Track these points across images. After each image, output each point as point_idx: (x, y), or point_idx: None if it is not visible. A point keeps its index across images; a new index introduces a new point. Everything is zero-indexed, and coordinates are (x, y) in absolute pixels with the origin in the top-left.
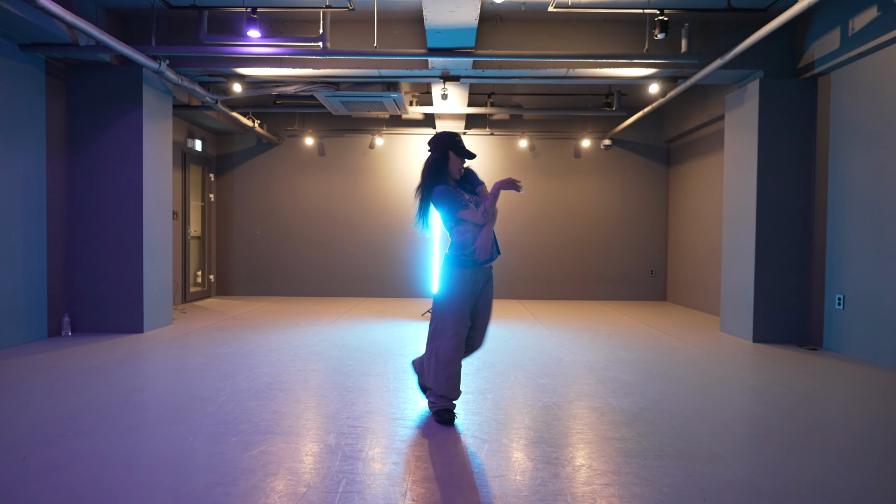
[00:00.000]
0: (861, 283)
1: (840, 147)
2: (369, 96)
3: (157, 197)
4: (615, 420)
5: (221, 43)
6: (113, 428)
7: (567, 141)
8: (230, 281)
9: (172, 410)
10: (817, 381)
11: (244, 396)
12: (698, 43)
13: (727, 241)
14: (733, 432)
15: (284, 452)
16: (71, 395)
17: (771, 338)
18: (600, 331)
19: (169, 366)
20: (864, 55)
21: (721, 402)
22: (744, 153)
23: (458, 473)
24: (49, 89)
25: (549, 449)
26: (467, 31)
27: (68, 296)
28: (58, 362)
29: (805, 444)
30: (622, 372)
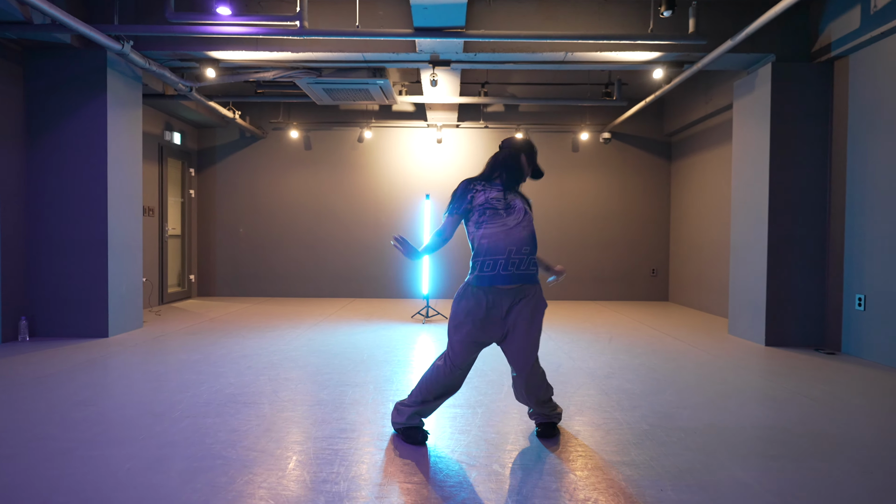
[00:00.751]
0: (883, 282)
1: (859, 136)
2: (354, 83)
3: (124, 191)
4: (622, 440)
5: (190, 22)
6: (40, 452)
7: (565, 134)
8: (212, 281)
9: (116, 429)
10: (840, 389)
11: (202, 412)
12: (706, 24)
13: (736, 238)
14: (759, 454)
15: (234, 485)
16: (5, 410)
17: (785, 341)
18: (601, 333)
19: (127, 374)
20: (885, 36)
21: (739, 415)
22: (754, 143)
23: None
24: (3, 74)
25: (548, 478)
26: (456, 8)
27: (26, 298)
28: (3, 372)
29: (841, 466)
30: (626, 381)
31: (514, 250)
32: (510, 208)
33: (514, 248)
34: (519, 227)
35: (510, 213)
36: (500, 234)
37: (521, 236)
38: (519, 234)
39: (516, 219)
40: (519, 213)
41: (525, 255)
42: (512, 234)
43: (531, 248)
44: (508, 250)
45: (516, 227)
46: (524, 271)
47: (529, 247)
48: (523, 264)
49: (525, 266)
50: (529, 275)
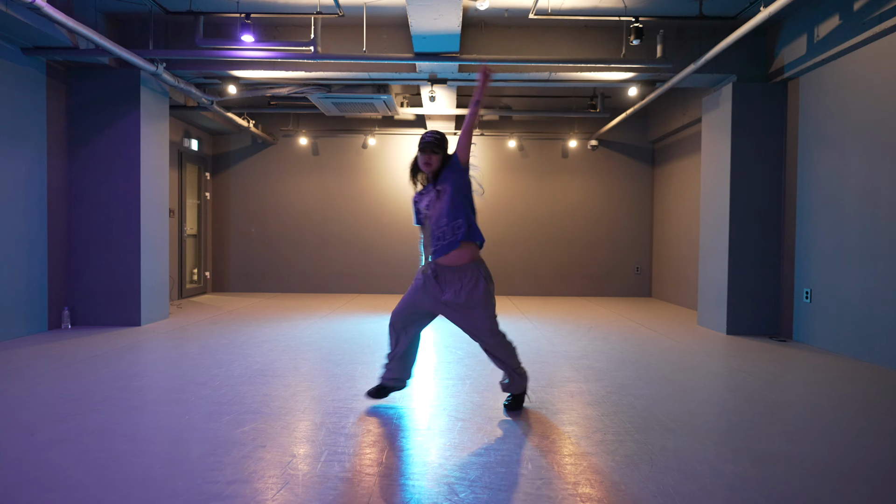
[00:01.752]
0: (825, 277)
1: (807, 149)
2: (360, 98)
3: (154, 195)
4: (583, 401)
5: (216, 47)
6: (115, 408)
7: (555, 141)
8: (225, 278)
9: (170, 393)
10: (779, 368)
11: (237, 381)
12: (673, 49)
13: (704, 238)
14: (689, 412)
15: (273, 429)
16: (75, 380)
17: (744, 330)
18: (581, 324)
19: (166, 355)
20: (829, 60)
21: (684, 386)
22: (718, 154)
23: (428, 445)
24: (50, 91)
25: (519, 425)
26: (451, 37)
27: (68, 290)
28: (60, 351)
29: (753, 420)
30: (596, 361)
31: (435, 228)
32: (430, 206)
33: (436, 227)
34: (436, 211)
35: (430, 209)
36: (430, 228)
37: (439, 214)
38: (436, 214)
39: (436, 209)
40: (434, 202)
41: (444, 226)
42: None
43: (448, 218)
44: (436, 235)
45: (435, 208)
46: (450, 240)
47: (447, 218)
48: (445, 236)
49: (450, 235)
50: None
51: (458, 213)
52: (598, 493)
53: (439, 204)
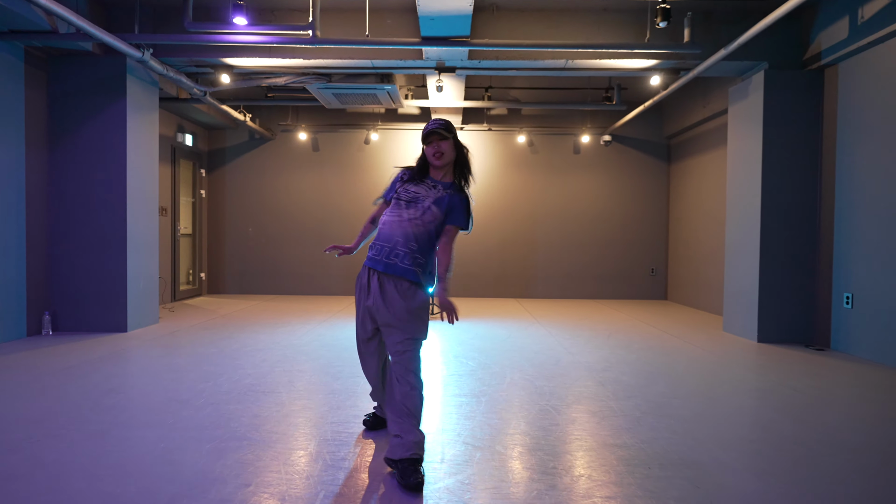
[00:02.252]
0: (870, 281)
1: (848, 142)
2: (362, 88)
3: (142, 192)
4: (616, 425)
5: (207, 31)
6: (79, 432)
7: (566, 136)
8: (222, 279)
9: (146, 413)
10: (826, 382)
11: (224, 399)
12: (701, 33)
13: (731, 238)
14: (740, 438)
15: (261, 461)
16: (41, 397)
17: (776, 338)
18: (599, 330)
19: (149, 366)
20: (875, 44)
21: (726, 405)
22: (748, 148)
23: (449, 485)
24: (28, 79)
25: (546, 457)
26: (462, 19)
27: (49, 293)
28: (34, 362)
29: (816, 450)
30: (622, 373)
31: (400, 242)
32: (414, 202)
33: (401, 240)
34: (411, 222)
35: (410, 207)
36: (393, 224)
37: (409, 232)
38: (409, 228)
39: (413, 214)
40: (418, 211)
41: (408, 250)
42: (403, 226)
43: (419, 245)
44: (395, 241)
45: (409, 221)
46: (397, 262)
47: (417, 244)
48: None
49: (400, 258)
50: (402, 267)
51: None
52: None
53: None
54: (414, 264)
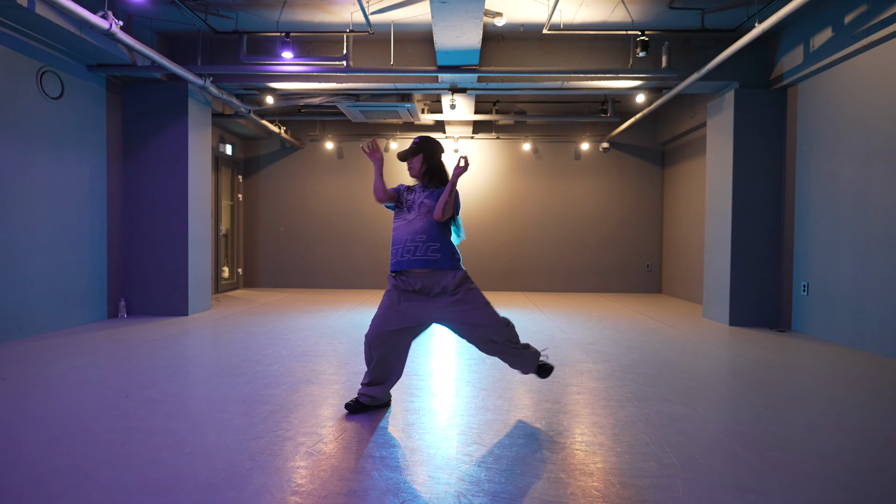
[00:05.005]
0: (822, 271)
1: (805, 151)
2: (386, 106)
3: (199, 197)
4: (592, 377)
5: (258, 62)
6: (186, 378)
7: (568, 144)
8: (256, 274)
9: (230, 368)
10: (774, 354)
11: (285, 360)
12: (678, 58)
13: (709, 235)
14: (686, 386)
15: (325, 395)
16: (145, 358)
17: (745, 322)
18: (593, 316)
19: (217, 339)
20: (824, 69)
21: (684, 367)
22: (722, 156)
23: (454, 405)
24: (109, 103)
25: (535, 395)
26: (472, 52)
27: (123, 283)
28: (124, 336)
29: (743, 393)
30: (605, 346)
31: (409, 239)
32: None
33: (410, 237)
34: (417, 218)
35: (411, 210)
36: (402, 228)
37: (418, 226)
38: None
39: (417, 213)
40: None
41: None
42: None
43: (427, 235)
44: (404, 239)
45: (415, 219)
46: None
47: (426, 234)
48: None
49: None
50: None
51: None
52: (598, 439)
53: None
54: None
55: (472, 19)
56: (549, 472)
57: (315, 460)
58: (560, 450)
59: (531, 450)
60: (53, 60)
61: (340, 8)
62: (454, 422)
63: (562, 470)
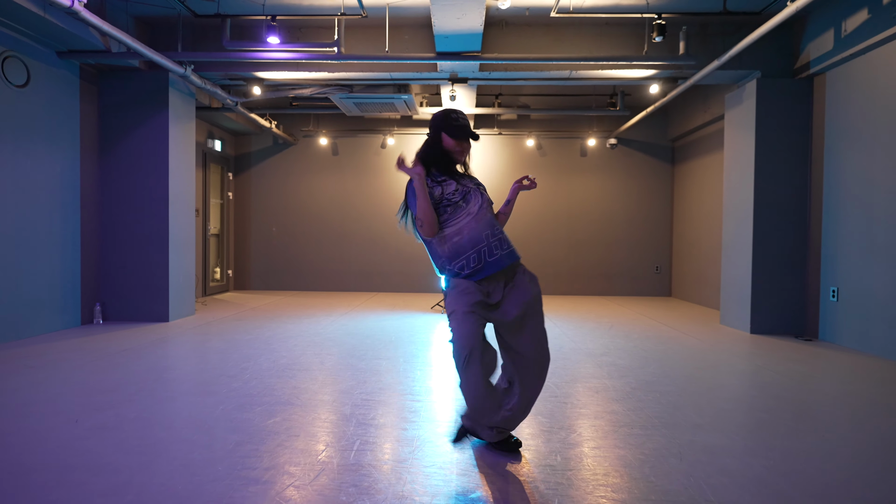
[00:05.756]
0: (853, 276)
1: (834, 146)
2: (381, 98)
3: (181, 194)
4: (609, 397)
5: (243, 49)
6: (151, 398)
7: (573, 140)
8: (247, 276)
9: (202, 385)
10: (806, 367)
11: (266, 375)
12: (696, 45)
13: (727, 237)
14: (716, 408)
15: (304, 420)
16: (111, 371)
17: (768, 329)
18: (602, 322)
19: (195, 349)
20: (856, 56)
21: (710, 384)
22: (742, 151)
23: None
24: (83, 93)
25: (545, 420)
26: (473, 36)
27: (99, 286)
28: (95, 345)
29: (783, 417)
30: (619, 358)
31: (489, 234)
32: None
33: (490, 230)
34: (483, 209)
35: (469, 201)
36: (471, 224)
37: (489, 218)
38: (488, 215)
39: (480, 202)
40: (480, 197)
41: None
42: (482, 217)
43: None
44: (485, 235)
45: (481, 210)
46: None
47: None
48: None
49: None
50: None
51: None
52: (626, 483)
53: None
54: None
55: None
56: None
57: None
58: (582, 499)
59: (547, 497)
60: (17, 45)
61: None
62: (452, 458)
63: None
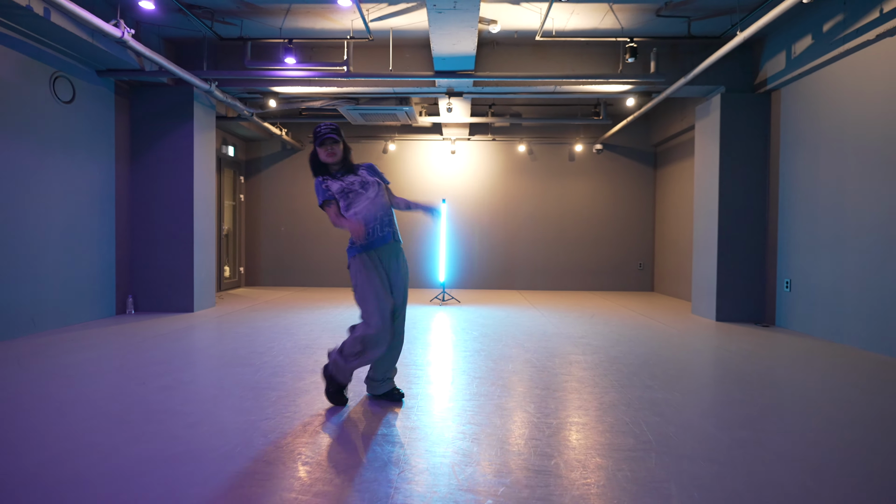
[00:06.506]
0: (802, 268)
1: (787, 152)
2: (385, 109)
3: (203, 197)
4: (579, 367)
5: (263, 67)
6: (198, 368)
7: (562, 146)
8: (257, 272)
9: (238, 359)
10: (755, 347)
11: (290, 352)
12: (667, 63)
13: (697, 234)
14: (668, 376)
15: None
16: (157, 350)
17: (732, 317)
18: (585, 313)
19: (224, 333)
20: (804, 75)
21: (668, 358)
22: (709, 157)
23: (450, 392)
24: (117, 107)
25: (525, 383)
26: (467, 58)
27: (130, 280)
28: (134, 330)
29: (722, 381)
30: (594, 339)
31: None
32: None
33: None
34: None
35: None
36: (368, 206)
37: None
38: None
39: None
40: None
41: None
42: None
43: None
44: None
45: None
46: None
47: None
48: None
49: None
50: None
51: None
52: (586, 420)
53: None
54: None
55: (467, 28)
56: (536, 446)
57: (322, 437)
58: (546, 428)
59: (521, 428)
60: (65, 66)
61: (341, 15)
62: (450, 406)
63: (547, 445)
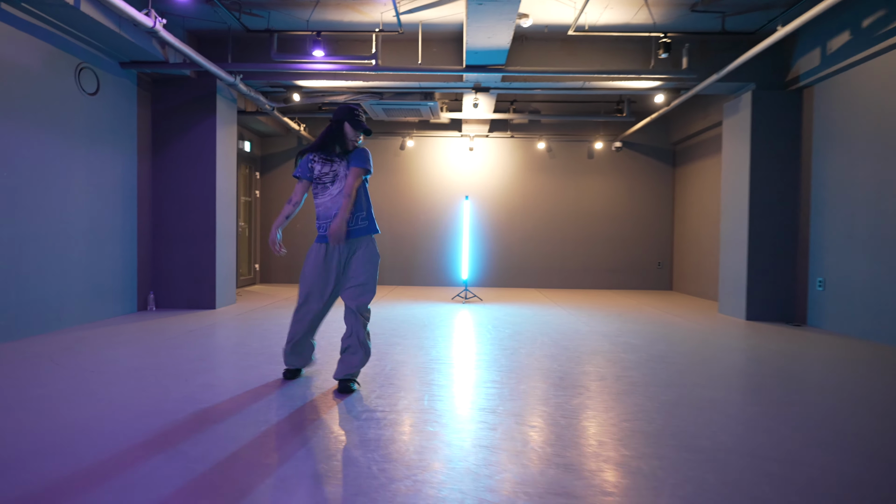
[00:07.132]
0: (837, 267)
1: (820, 151)
2: (409, 105)
3: (225, 192)
4: (625, 366)
5: (289, 60)
6: (236, 365)
7: (581, 143)
8: (272, 270)
9: (273, 355)
10: (793, 345)
11: (321, 348)
12: (697, 60)
13: (724, 233)
14: (715, 374)
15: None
16: (188, 348)
17: (762, 317)
18: (611, 311)
19: (250, 329)
20: (840, 72)
21: (710, 356)
22: (738, 155)
23: (500, 393)
24: (139, 99)
25: (569, 381)
26: (500, 52)
27: (153, 277)
28: (160, 327)
29: (770, 378)
30: (631, 338)
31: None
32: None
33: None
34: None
35: (335, 183)
36: (327, 203)
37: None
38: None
39: (338, 188)
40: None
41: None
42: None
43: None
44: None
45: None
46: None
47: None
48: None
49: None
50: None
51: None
52: (648, 427)
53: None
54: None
55: (505, 21)
56: (635, 447)
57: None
58: (633, 431)
59: (594, 428)
60: (90, 57)
61: (371, 7)
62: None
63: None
